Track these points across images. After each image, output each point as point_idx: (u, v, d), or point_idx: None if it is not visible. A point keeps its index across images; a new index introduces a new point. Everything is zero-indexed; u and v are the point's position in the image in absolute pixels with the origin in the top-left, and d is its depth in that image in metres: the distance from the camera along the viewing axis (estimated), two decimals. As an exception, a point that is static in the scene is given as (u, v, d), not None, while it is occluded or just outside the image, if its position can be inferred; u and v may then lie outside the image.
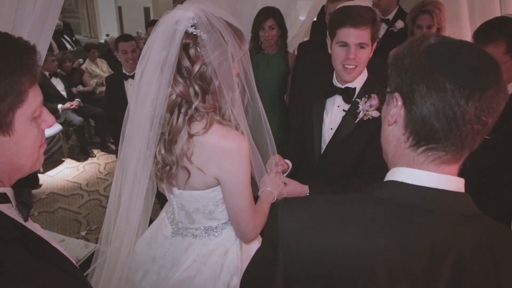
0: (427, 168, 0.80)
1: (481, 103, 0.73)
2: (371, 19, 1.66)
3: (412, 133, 0.80)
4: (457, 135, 0.76)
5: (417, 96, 0.76)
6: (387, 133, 0.88)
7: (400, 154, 0.84)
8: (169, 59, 1.24)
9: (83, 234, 3.74)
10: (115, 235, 1.48)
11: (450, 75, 0.74)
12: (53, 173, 4.83)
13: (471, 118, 0.74)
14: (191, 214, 1.51)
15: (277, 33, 3.04)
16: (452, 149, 0.78)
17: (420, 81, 0.76)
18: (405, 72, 0.79)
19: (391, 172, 0.86)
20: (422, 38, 0.81)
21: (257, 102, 1.47)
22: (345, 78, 1.77)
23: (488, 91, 0.73)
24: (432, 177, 0.79)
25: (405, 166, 0.83)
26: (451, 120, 0.74)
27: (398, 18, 3.23)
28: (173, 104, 1.29)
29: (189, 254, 1.55)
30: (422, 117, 0.77)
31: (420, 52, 0.78)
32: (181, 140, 1.32)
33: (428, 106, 0.75)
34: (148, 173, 1.38)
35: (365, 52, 1.69)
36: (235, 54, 1.28)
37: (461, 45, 0.78)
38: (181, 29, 1.23)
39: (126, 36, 3.58)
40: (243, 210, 1.38)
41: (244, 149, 1.31)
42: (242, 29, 1.34)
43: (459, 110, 0.73)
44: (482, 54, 0.77)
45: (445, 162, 0.80)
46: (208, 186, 1.39)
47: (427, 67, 0.76)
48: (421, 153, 0.80)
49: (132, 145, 1.37)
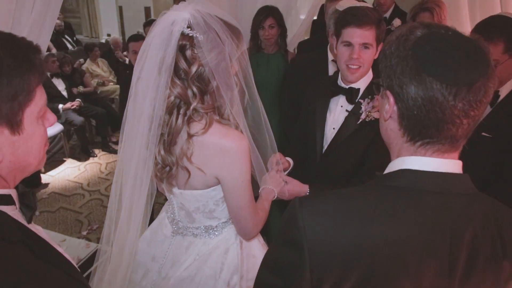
0: (431, 157, 0.84)
1: (468, 97, 0.76)
2: (376, 20, 1.67)
3: (407, 130, 0.84)
4: (449, 129, 0.79)
5: (407, 96, 0.80)
6: (385, 127, 0.90)
7: (400, 145, 0.87)
8: (166, 60, 1.23)
9: (85, 234, 3.75)
10: (118, 236, 1.48)
11: (437, 74, 0.76)
12: (55, 173, 4.84)
13: (460, 113, 0.77)
14: (191, 214, 1.51)
15: (276, 32, 3.03)
16: (447, 141, 0.81)
17: (409, 82, 0.79)
18: (394, 73, 0.81)
19: (399, 161, 0.87)
20: (408, 32, 0.82)
21: (256, 101, 1.47)
22: (349, 78, 1.77)
23: (475, 84, 0.76)
24: (439, 163, 0.83)
25: (410, 155, 0.85)
26: (441, 117, 0.78)
27: (395, 16, 3.23)
28: (171, 106, 1.29)
29: (190, 253, 1.55)
30: (413, 115, 0.80)
31: (407, 51, 0.80)
32: (180, 140, 1.32)
33: (419, 106, 0.78)
34: (149, 174, 1.38)
35: (369, 53, 1.70)
36: (232, 54, 1.28)
37: (448, 39, 0.79)
38: (177, 30, 1.23)
39: (137, 36, 3.48)
40: (244, 208, 1.39)
41: (244, 148, 1.31)
42: (241, 28, 1.34)
43: (448, 107, 0.76)
44: (470, 45, 0.79)
45: (445, 152, 0.83)
46: (208, 185, 1.40)
47: (414, 68, 0.78)
48: (419, 146, 0.84)
49: (132, 146, 1.37)
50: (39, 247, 0.84)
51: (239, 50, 1.31)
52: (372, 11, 1.69)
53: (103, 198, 4.36)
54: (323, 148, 1.91)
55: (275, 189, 1.64)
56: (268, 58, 3.08)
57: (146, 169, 1.37)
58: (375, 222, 0.81)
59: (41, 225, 3.56)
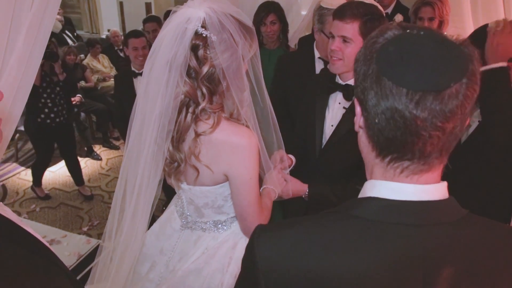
0: (402, 181, 0.73)
1: (435, 106, 0.65)
2: (361, 14, 1.62)
3: (373, 142, 0.75)
4: (413, 143, 0.68)
5: (369, 104, 0.70)
6: (359, 139, 0.82)
7: (373, 161, 0.78)
8: (178, 58, 1.23)
9: (85, 230, 3.76)
10: (125, 231, 1.47)
11: (396, 79, 0.66)
12: (55, 169, 4.84)
13: (426, 125, 0.66)
14: (200, 209, 1.52)
15: (278, 28, 3.02)
16: (416, 157, 0.70)
17: (370, 88, 0.69)
18: (358, 78, 0.73)
19: (370, 184, 0.78)
20: (379, 33, 0.72)
21: (265, 100, 1.46)
22: (331, 69, 1.77)
23: (445, 91, 0.65)
24: (412, 190, 0.72)
25: (380, 178, 0.76)
26: (404, 129, 0.67)
27: (397, 12, 3.20)
28: (181, 104, 1.29)
29: (198, 247, 1.56)
30: (376, 125, 0.71)
31: (372, 54, 0.71)
32: (189, 138, 1.32)
33: (379, 114, 0.69)
34: (159, 169, 1.38)
35: (350, 47, 1.65)
36: (245, 55, 1.27)
37: (417, 40, 0.69)
38: (191, 28, 1.22)
39: (137, 33, 3.37)
40: (251, 205, 1.38)
41: (253, 145, 1.31)
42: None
43: (409, 117, 0.66)
44: (444, 47, 0.67)
45: (416, 173, 0.72)
46: (216, 182, 1.40)
47: (375, 72, 0.69)
48: (387, 164, 0.74)
49: (142, 141, 1.37)
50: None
51: (252, 50, 1.31)
52: (361, 6, 1.64)
53: (103, 194, 4.37)
54: (322, 145, 1.90)
55: (277, 189, 1.64)
56: (269, 54, 3.07)
57: (154, 166, 1.36)
58: (336, 255, 0.72)
59: (41, 221, 3.58)
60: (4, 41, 1.56)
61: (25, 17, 1.58)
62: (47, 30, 1.70)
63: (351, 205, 0.77)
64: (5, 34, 1.54)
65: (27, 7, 1.58)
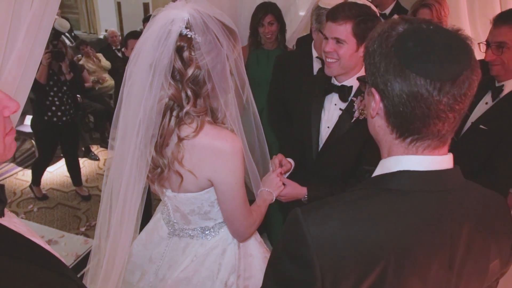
0: (424, 154, 0.85)
1: (453, 91, 0.76)
2: (354, 16, 1.62)
3: (395, 127, 0.84)
4: (435, 124, 0.80)
5: (392, 93, 0.80)
6: (373, 124, 0.91)
7: (391, 142, 0.87)
8: (162, 60, 1.21)
9: (83, 230, 3.76)
10: (112, 236, 1.44)
11: (420, 70, 0.76)
12: (53, 169, 4.83)
13: (445, 107, 0.78)
14: (186, 216, 1.49)
15: (276, 28, 3.03)
16: (435, 136, 0.82)
17: (393, 79, 0.79)
18: (378, 70, 0.82)
19: (394, 160, 0.87)
20: (390, 28, 0.82)
21: (249, 103, 1.45)
22: (327, 71, 1.77)
23: (458, 78, 0.76)
24: (432, 161, 0.84)
25: (402, 154, 0.86)
26: (427, 113, 0.78)
27: (395, 13, 3.21)
28: (165, 107, 1.26)
29: (187, 254, 1.54)
30: (399, 112, 0.81)
31: (390, 48, 0.80)
32: (172, 143, 1.30)
33: (404, 102, 0.79)
34: (143, 176, 1.35)
35: (344, 48, 1.65)
36: (230, 56, 1.26)
37: (430, 34, 0.80)
38: (175, 30, 1.20)
39: (137, 34, 3.39)
40: (237, 209, 1.37)
41: (237, 149, 1.29)
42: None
43: (433, 102, 0.77)
44: (451, 39, 0.79)
45: (435, 148, 0.84)
46: (201, 188, 1.37)
47: (397, 65, 0.78)
48: (410, 143, 0.84)
49: (125, 145, 1.35)
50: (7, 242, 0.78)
51: (236, 51, 1.29)
52: (354, 7, 1.63)
53: (101, 194, 4.34)
54: (319, 147, 1.89)
55: (274, 192, 1.63)
56: (268, 55, 3.08)
57: (139, 171, 1.34)
58: (384, 223, 0.82)
59: (39, 221, 3.55)
60: (4, 40, 1.55)
61: (25, 16, 1.58)
62: (47, 29, 1.70)
63: (379, 180, 0.88)
64: (5, 33, 1.54)
65: (27, 6, 1.58)
